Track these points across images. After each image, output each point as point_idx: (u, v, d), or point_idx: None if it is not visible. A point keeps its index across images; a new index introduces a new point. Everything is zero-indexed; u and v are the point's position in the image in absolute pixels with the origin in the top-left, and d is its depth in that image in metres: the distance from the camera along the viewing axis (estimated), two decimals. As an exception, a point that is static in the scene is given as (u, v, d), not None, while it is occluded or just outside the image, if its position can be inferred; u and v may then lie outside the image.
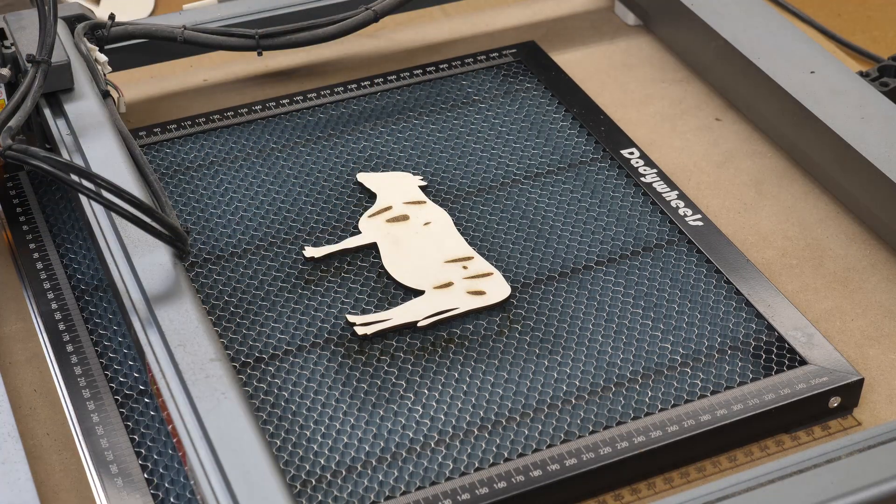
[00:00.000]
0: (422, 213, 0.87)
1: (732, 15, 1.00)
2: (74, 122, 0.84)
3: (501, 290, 0.81)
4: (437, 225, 0.86)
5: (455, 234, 0.85)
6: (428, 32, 1.08)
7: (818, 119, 0.89)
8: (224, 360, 0.69)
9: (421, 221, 0.86)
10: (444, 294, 0.80)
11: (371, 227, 0.86)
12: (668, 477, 0.72)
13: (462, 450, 0.71)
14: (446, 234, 0.85)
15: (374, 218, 0.86)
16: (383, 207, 0.87)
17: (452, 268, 0.82)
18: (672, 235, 0.86)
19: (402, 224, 0.86)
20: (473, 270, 0.82)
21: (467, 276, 0.81)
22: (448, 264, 0.82)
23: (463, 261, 0.83)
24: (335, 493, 0.69)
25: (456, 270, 0.82)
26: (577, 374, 0.76)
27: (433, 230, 0.85)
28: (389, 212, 0.87)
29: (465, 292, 0.80)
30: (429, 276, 0.82)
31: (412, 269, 0.82)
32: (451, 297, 0.80)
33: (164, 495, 0.69)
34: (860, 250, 0.87)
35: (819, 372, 0.75)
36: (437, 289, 0.81)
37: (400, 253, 0.84)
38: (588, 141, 0.94)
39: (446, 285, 0.81)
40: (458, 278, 0.81)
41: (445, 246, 0.84)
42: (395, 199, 0.88)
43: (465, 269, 0.82)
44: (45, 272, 0.84)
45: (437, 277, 0.81)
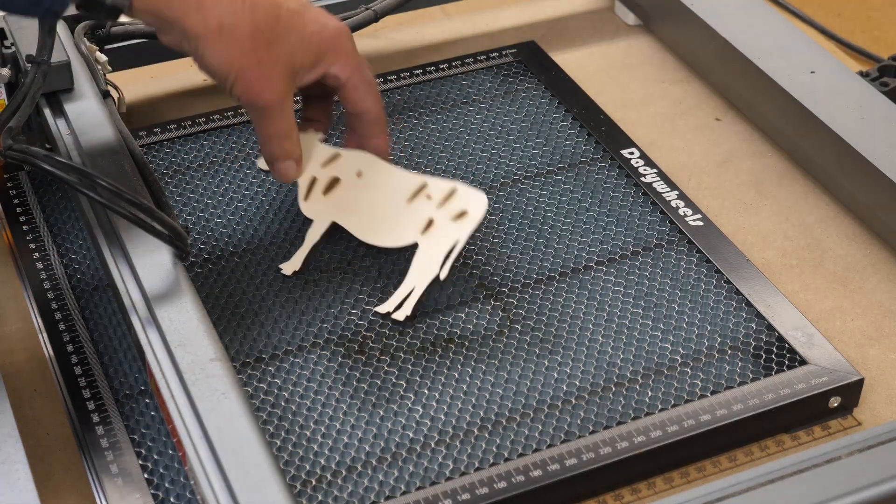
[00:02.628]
0: (346, 166, 0.83)
1: (732, 15, 1.00)
2: (74, 122, 0.84)
3: (478, 201, 0.79)
4: (367, 169, 0.83)
5: (390, 168, 0.82)
6: (428, 32, 1.08)
7: (818, 119, 0.89)
8: (224, 360, 0.69)
9: (351, 175, 0.83)
10: (435, 236, 0.79)
11: (314, 209, 0.83)
12: (668, 477, 0.72)
13: (462, 450, 0.71)
14: (382, 173, 0.82)
15: (310, 199, 0.83)
16: (308, 183, 0.83)
17: (419, 205, 0.80)
18: (672, 235, 0.86)
19: (338, 189, 0.82)
20: (438, 196, 0.80)
21: (438, 204, 0.80)
22: (412, 203, 0.80)
23: (421, 192, 0.81)
24: (335, 493, 0.69)
25: (424, 205, 0.80)
26: (577, 374, 0.76)
27: (369, 177, 0.82)
28: (317, 184, 0.83)
29: (450, 221, 0.79)
30: (406, 225, 0.80)
31: (385, 227, 0.80)
32: (444, 234, 0.79)
33: (164, 495, 0.69)
34: (860, 250, 0.87)
35: (819, 372, 0.75)
36: (425, 234, 0.79)
37: (361, 218, 0.81)
38: (588, 141, 0.94)
39: (429, 225, 0.79)
40: (433, 213, 0.80)
41: (393, 186, 0.81)
42: (310, 169, 0.83)
43: (429, 198, 0.80)
44: (45, 272, 0.84)
45: (414, 223, 0.80)
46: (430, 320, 0.79)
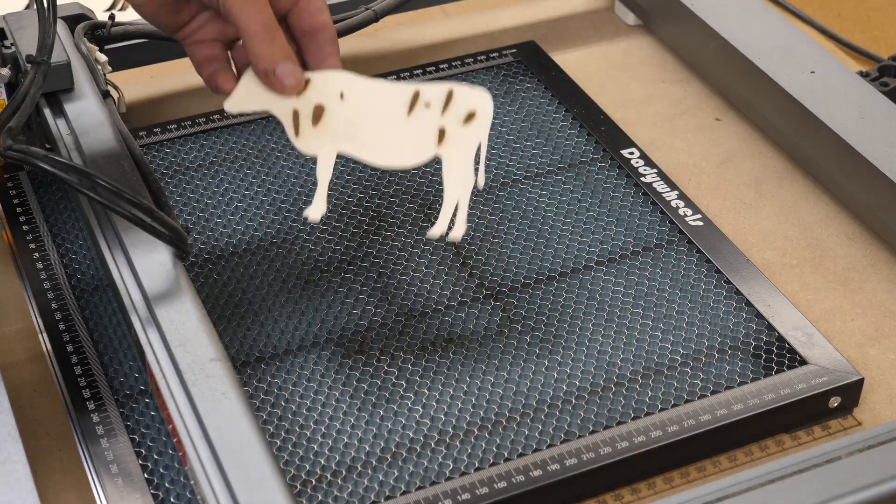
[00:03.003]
0: (324, 90, 0.76)
1: (732, 15, 1.00)
2: (74, 122, 0.84)
3: (482, 98, 0.76)
4: (348, 88, 0.76)
5: (372, 83, 0.77)
6: (428, 32, 1.08)
7: (818, 119, 0.89)
8: (224, 360, 0.69)
9: (335, 98, 0.76)
10: (454, 145, 0.75)
11: (312, 144, 0.77)
12: (668, 477, 0.72)
13: (462, 450, 0.71)
14: (367, 90, 0.77)
15: (302, 134, 0.77)
16: (292, 118, 0.77)
17: (422, 116, 0.75)
18: (672, 235, 0.86)
19: (328, 117, 0.76)
20: (437, 101, 0.75)
21: (441, 111, 0.75)
22: (413, 115, 0.76)
23: (417, 101, 0.76)
24: (335, 493, 0.69)
25: (428, 115, 0.75)
26: (577, 374, 0.76)
27: (354, 97, 0.76)
28: (302, 116, 0.77)
29: (461, 125, 0.75)
30: (418, 140, 0.76)
31: (397, 146, 0.76)
32: (463, 141, 0.75)
33: (164, 495, 0.69)
34: (860, 250, 0.87)
35: (819, 372, 0.75)
36: (442, 145, 0.75)
37: (367, 142, 0.76)
38: (588, 141, 0.94)
39: (442, 135, 0.75)
40: (441, 121, 0.75)
41: (385, 101, 0.76)
42: (286, 102, 0.76)
43: (429, 107, 0.75)
44: (45, 272, 0.84)
45: (425, 135, 0.76)
46: (430, 320, 0.79)
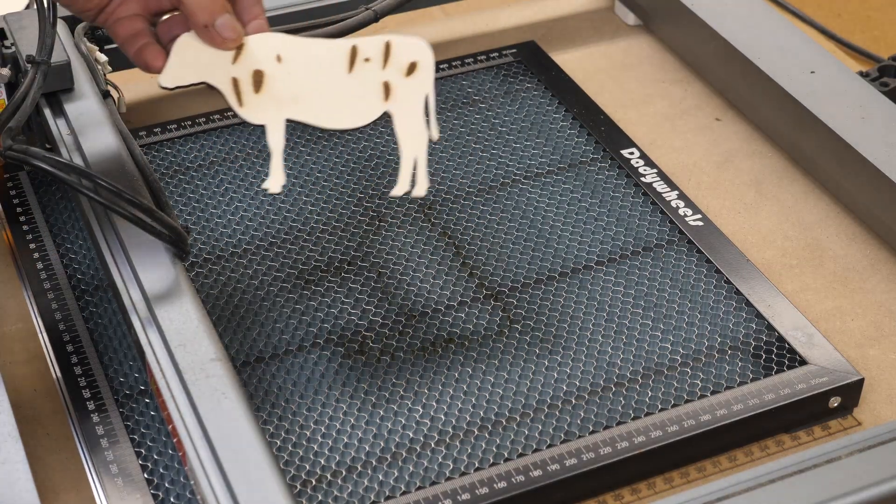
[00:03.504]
0: (259, 55, 0.74)
1: (732, 15, 1.00)
2: (74, 122, 0.84)
3: (420, 47, 0.74)
4: (284, 50, 0.74)
5: (306, 42, 0.75)
6: (428, 32, 1.08)
7: (818, 119, 0.89)
8: (224, 360, 0.69)
9: (272, 62, 0.74)
10: (401, 98, 0.74)
11: (257, 112, 0.75)
12: (668, 477, 0.72)
13: (462, 450, 0.71)
14: (303, 49, 0.75)
15: (245, 103, 0.75)
16: (232, 87, 0.74)
17: (363, 71, 0.74)
18: (672, 235, 0.86)
19: (269, 82, 0.74)
20: (376, 55, 0.74)
21: (382, 64, 0.74)
22: (354, 72, 0.74)
23: (356, 57, 0.74)
24: (335, 493, 0.69)
25: (369, 70, 0.74)
26: (577, 374, 0.76)
27: (292, 58, 0.75)
28: (242, 84, 0.74)
29: (405, 78, 0.74)
30: (363, 97, 0.74)
31: (344, 106, 0.75)
32: (410, 93, 0.74)
33: (164, 495, 0.69)
34: (860, 250, 0.87)
35: (819, 372, 0.75)
36: (390, 100, 0.74)
37: (313, 105, 0.74)
38: (588, 141, 0.94)
39: (388, 90, 0.74)
40: (383, 75, 0.74)
41: (323, 59, 0.74)
42: (222, 71, 0.74)
43: (368, 61, 0.74)
44: (45, 272, 0.84)
45: (370, 92, 0.74)
46: (430, 320, 0.79)
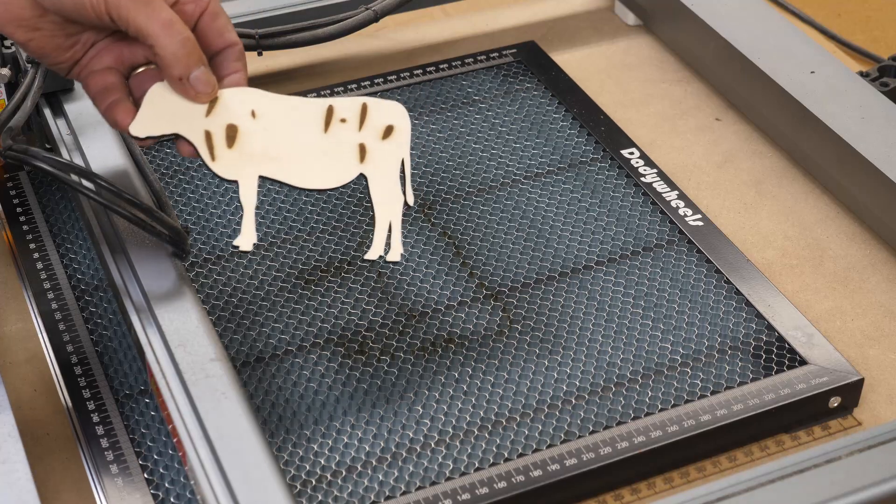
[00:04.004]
0: (234, 109, 0.73)
1: (732, 15, 1.00)
2: (74, 122, 0.84)
3: (396, 111, 0.74)
4: (259, 105, 0.73)
5: (282, 99, 0.74)
6: (428, 32, 1.08)
7: (818, 119, 0.89)
8: (224, 360, 0.69)
9: (246, 117, 0.73)
10: (377, 161, 0.74)
11: (230, 168, 0.73)
12: (668, 477, 0.72)
13: (462, 450, 0.71)
14: (279, 106, 0.74)
15: (218, 157, 0.73)
16: (204, 140, 0.73)
17: (339, 132, 0.73)
18: (672, 235, 0.86)
19: (243, 137, 0.73)
20: (352, 116, 0.73)
21: (358, 126, 0.73)
22: (330, 132, 0.73)
23: (332, 117, 0.73)
24: (335, 493, 0.69)
25: (345, 131, 0.73)
26: (577, 374, 0.76)
27: (267, 114, 0.73)
28: (215, 138, 0.73)
29: (381, 141, 0.73)
30: (339, 158, 0.73)
31: (318, 166, 0.73)
32: (386, 157, 0.74)
33: (164, 495, 0.69)
34: (860, 250, 0.87)
35: (819, 372, 0.75)
36: (365, 162, 0.73)
37: (287, 163, 0.73)
38: (588, 141, 0.94)
39: (363, 152, 0.73)
40: (359, 137, 0.73)
41: (299, 118, 0.74)
42: (195, 123, 0.72)
43: (345, 122, 0.73)
44: (45, 272, 0.84)
45: (345, 153, 0.73)
46: (430, 320, 0.79)
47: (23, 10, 0.71)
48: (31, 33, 0.72)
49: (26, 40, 0.72)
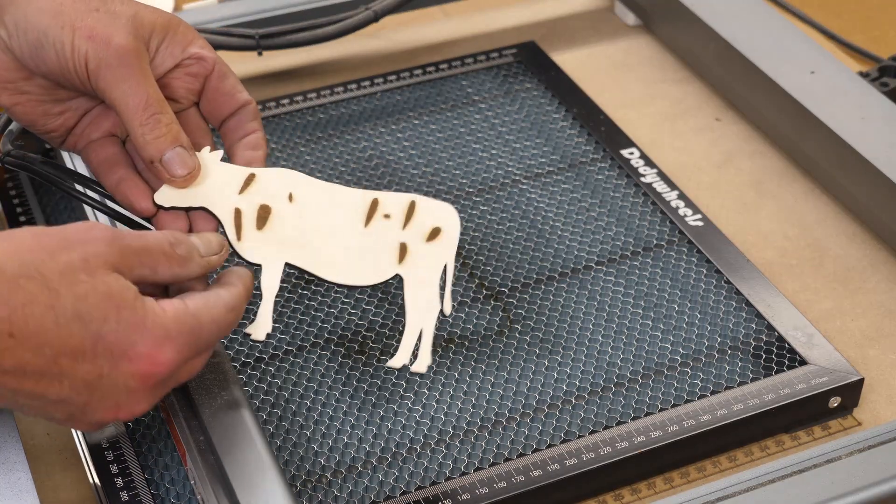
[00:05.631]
0: (270, 189, 0.70)
1: (732, 15, 1.00)
2: (74, 123, 0.84)
3: (447, 214, 0.70)
4: (298, 188, 0.70)
5: (325, 185, 0.70)
6: (428, 32, 1.08)
7: (818, 119, 0.89)
8: (224, 360, 0.69)
9: (283, 199, 0.70)
10: (417, 264, 0.70)
11: (256, 251, 0.70)
12: (668, 477, 0.72)
13: (462, 450, 0.71)
14: (319, 193, 0.70)
15: (244, 238, 0.70)
16: (233, 218, 0.70)
17: (381, 228, 0.70)
18: (672, 235, 0.86)
19: (275, 220, 0.70)
20: (398, 212, 0.70)
21: (402, 224, 0.70)
22: (371, 226, 0.70)
23: (376, 211, 0.70)
24: (335, 493, 0.69)
25: (387, 228, 0.70)
26: (577, 374, 0.76)
27: (305, 199, 0.70)
28: (245, 217, 0.70)
29: (424, 242, 0.70)
30: (377, 255, 0.70)
31: (353, 261, 0.70)
32: (428, 260, 0.70)
33: (164, 495, 0.69)
34: (860, 250, 0.87)
35: (819, 372, 0.75)
36: (404, 263, 0.70)
37: (319, 254, 0.70)
38: (588, 141, 0.94)
39: (404, 252, 0.70)
40: (402, 236, 0.70)
41: (341, 208, 0.70)
42: (226, 199, 0.70)
43: (388, 217, 0.70)
44: (45, 272, 0.83)
45: (385, 251, 0.70)
46: (430, 320, 0.79)
47: (7, 71, 0.68)
48: (16, 97, 0.69)
49: (11, 104, 0.69)
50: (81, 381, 0.57)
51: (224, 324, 0.63)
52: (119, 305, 0.58)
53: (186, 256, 0.63)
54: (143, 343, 0.58)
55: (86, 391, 0.58)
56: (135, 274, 0.60)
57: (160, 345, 0.59)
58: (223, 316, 0.63)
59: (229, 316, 0.63)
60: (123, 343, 0.58)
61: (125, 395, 0.59)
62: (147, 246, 0.61)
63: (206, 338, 0.62)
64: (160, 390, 0.61)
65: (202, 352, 0.63)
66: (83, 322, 0.56)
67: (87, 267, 0.57)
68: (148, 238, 0.61)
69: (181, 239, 0.63)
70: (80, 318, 0.56)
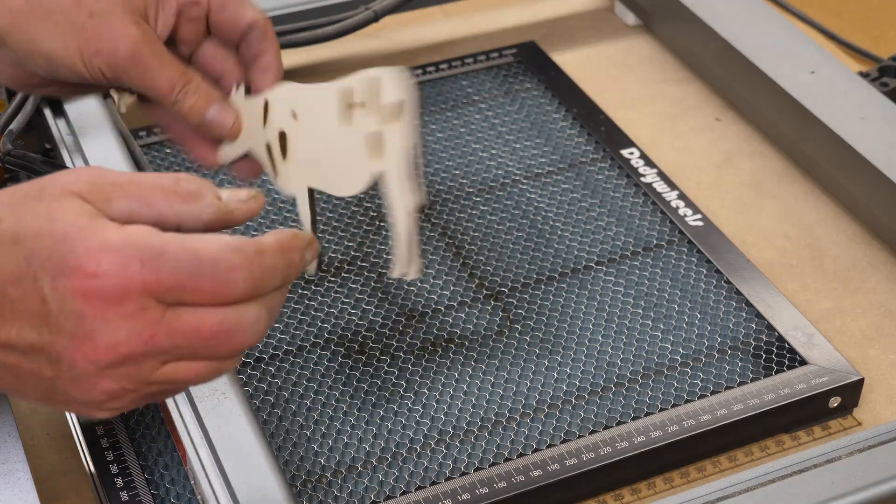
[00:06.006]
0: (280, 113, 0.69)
1: (732, 15, 1.00)
2: (74, 123, 0.84)
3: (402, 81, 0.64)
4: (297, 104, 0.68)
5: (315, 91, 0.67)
6: (428, 32, 1.08)
7: (818, 119, 0.89)
8: (224, 360, 0.69)
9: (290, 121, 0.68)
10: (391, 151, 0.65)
11: (287, 180, 0.69)
12: (668, 477, 0.72)
13: (462, 450, 0.71)
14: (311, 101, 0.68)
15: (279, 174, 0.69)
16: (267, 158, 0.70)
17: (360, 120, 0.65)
18: (672, 235, 0.86)
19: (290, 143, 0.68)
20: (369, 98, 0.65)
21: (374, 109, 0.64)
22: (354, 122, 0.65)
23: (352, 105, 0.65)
24: (335, 493, 0.69)
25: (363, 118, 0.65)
26: (577, 374, 0.76)
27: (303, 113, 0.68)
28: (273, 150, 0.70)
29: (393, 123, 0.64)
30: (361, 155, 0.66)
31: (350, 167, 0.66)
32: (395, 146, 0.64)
33: (164, 495, 0.69)
34: (860, 250, 0.87)
35: (819, 372, 0.75)
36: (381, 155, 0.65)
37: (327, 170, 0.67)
38: (588, 141, 0.94)
39: (378, 142, 0.65)
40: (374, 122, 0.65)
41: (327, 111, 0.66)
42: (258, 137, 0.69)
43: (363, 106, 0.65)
44: (45, 272, 0.83)
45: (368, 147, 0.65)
46: (430, 320, 0.79)
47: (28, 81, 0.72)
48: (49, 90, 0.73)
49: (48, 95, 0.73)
50: (31, 311, 0.50)
51: (210, 257, 0.50)
52: (54, 219, 0.50)
53: (195, 192, 0.53)
54: (73, 254, 0.49)
55: (40, 322, 0.50)
56: (115, 206, 0.51)
57: (95, 254, 0.49)
58: (213, 251, 0.50)
59: (226, 253, 0.50)
60: (55, 256, 0.50)
61: (78, 320, 0.50)
62: (137, 179, 0.52)
63: (171, 261, 0.50)
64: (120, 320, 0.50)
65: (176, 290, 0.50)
66: (17, 243, 0.50)
67: (40, 194, 0.51)
68: (143, 174, 0.53)
69: (192, 178, 0.54)
70: (15, 239, 0.50)
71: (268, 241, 0.52)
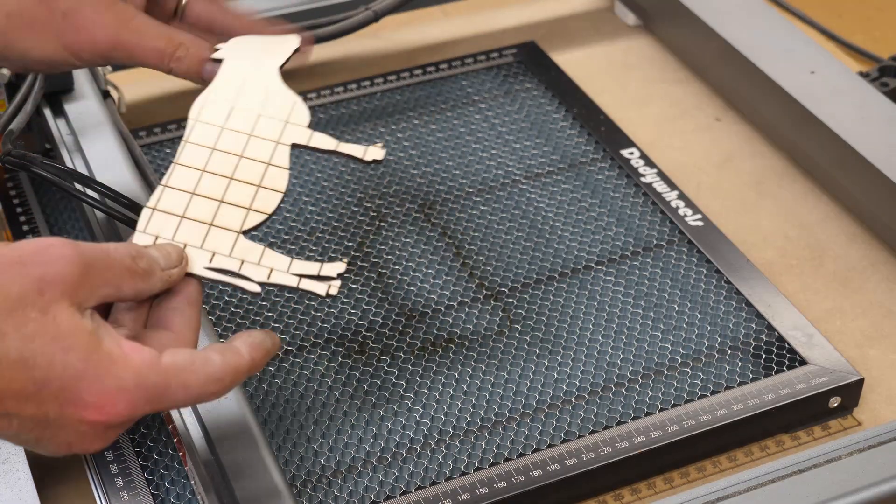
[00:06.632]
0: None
1: (732, 15, 1.00)
2: (74, 123, 0.84)
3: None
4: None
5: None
6: (428, 32, 1.08)
7: (818, 119, 0.89)
8: (224, 361, 0.69)
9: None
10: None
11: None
12: (668, 477, 0.72)
13: (462, 450, 0.71)
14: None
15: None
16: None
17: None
18: (672, 235, 0.86)
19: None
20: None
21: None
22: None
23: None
24: (335, 493, 0.69)
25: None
26: (577, 374, 0.76)
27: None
28: None
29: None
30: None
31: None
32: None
33: (164, 495, 0.69)
34: (860, 250, 0.87)
35: (819, 372, 0.75)
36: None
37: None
38: (588, 141, 0.94)
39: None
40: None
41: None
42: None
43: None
44: (45, 272, 0.83)
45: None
46: (430, 320, 0.79)
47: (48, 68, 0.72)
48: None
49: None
50: (29, 420, 0.54)
51: (198, 393, 0.57)
52: (67, 348, 0.54)
53: (148, 270, 0.59)
54: (89, 392, 0.54)
55: (36, 428, 0.55)
56: (98, 294, 0.57)
57: (111, 396, 0.55)
58: (200, 386, 0.57)
59: (209, 387, 0.57)
60: (69, 390, 0.54)
61: (76, 436, 0.56)
62: (110, 263, 0.57)
63: (171, 400, 0.56)
64: (116, 431, 0.57)
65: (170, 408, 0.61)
66: (27, 366, 0.53)
67: (41, 302, 0.54)
68: (111, 252, 0.58)
69: (142, 252, 0.60)
70: (25, 362, 0.53)
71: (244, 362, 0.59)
